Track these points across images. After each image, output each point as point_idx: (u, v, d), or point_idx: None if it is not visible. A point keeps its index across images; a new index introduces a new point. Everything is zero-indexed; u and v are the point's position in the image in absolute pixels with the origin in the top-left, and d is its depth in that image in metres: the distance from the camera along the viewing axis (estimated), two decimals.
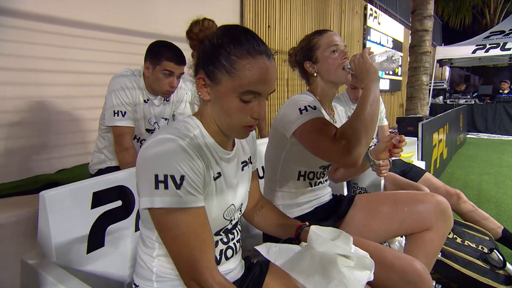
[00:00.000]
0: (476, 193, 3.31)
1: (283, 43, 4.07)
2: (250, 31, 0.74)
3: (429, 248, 1.18)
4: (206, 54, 0.73)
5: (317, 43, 1.21)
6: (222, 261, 0.83)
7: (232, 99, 0.70)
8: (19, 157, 1.89)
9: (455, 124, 5.36)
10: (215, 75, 0.71)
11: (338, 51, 1.19)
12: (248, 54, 0.69)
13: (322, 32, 1.23)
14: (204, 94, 0.74)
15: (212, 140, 0.77)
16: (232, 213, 0.83)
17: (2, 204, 1.57)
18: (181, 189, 0.65)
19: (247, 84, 0.69)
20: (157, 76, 1.50)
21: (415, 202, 1.21)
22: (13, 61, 1.81)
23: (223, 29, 0.74)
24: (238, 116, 0.72)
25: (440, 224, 1.17)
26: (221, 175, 0.78)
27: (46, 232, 0.83)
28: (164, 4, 2.61)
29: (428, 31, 4.37)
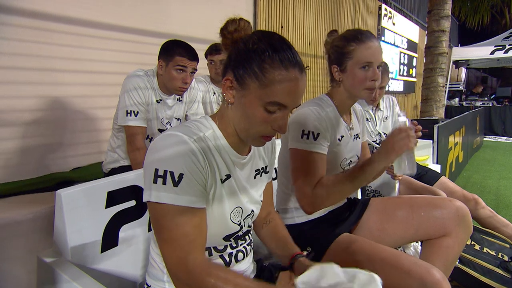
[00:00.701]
0: (494, 198, 3.22)
1: (296, 43, 4.04)
2: (287, 41, 0.72)
3: (447, 255, 1.14)
4: (238, 56, 0.71)
5: (352, 52, 1.11)
6: (232, 263, 0.82)
7: (257, 107, 0.69)
8: (35, 155, 1.93)
9: (472, 127, 5.22)
10: (244, 79, 0.69)
11: (371, 69, 1.11)
12: (282, 65, 0.68)
13: (362, 41, 1.10)
14: (229, 97, 0.73)
15: (226, 142, 0.76)
16: (240, 216, 0.81)
17: (19, 201, 1.60)
18: (178, 187, 0.65)
19: (275, 95, 0.68)
20: (170, 72, 1.51)
21: (432, 207, 1.17)
22: (31, 61, 1.84)
23: (260, 34, 0.72)
24: (259, 125, 0.71)
25: (459, 230, 1.13)
26: (230, 177, 0.77)
27: (62, 230, 0.84)
28: (178, 5, 2.63)
29: (445, 31, 4.27)
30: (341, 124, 1.20)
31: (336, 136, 1.17)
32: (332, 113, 1.16)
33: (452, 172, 3.70)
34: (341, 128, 1.20)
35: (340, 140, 1.19)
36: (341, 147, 1.20)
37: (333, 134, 1.16)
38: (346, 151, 1.23)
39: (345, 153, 1.22)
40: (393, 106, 2.21)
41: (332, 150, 1.16)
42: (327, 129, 1.10)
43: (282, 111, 0.71)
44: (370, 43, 1.11)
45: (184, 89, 1.55)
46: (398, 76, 7.23)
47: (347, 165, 1.26)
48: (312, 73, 4.45)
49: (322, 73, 4.66)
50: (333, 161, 1.19)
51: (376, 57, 1.11)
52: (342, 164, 1.23)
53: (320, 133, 1.07)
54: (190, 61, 1.50)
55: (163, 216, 0.65)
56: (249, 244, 0.88)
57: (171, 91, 1.60)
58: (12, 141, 1.83)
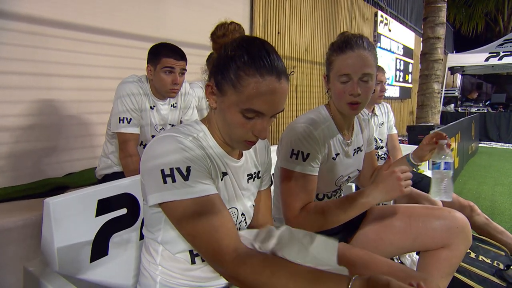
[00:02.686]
0: (489, 205, 3.22)
1: (292, 49, 4.06)
2: (269, 47, 0.71)
3: (444, 267, 1.11)
4: (219, 63, 0.71)
5: (333, 63, 1.07)
6: None
7: (235, 113, 0.69)
8: (29, 160, 1.91)
9: (467, 133, 5.25)
10: (222, 86, 0.70)
11: (349, 83, 1.03)
12: (257, 73, 0.67)
13: (341, 51, 1.04)
14: (211, 102, 0.74)
15: (217, 144, 0.76)
16: (235, 219, 0.80)
17: (10, 207, 1.57)
18: (189, 180, 0.65)
19: (250, 102, 0.67)
20: (159, 75, 1.50)
21: (431, 217, 1.14)
22: (26, 65, 1.83)
23: (240, 40, 0.71)
24: (239, 130, 0.71)
25: (457, 242, 1.10)
26: (227, 174, 0.76)
27: (50, 240, 0.82)
28: (176, 10, 2.63)
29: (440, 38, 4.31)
30: (336, 141, 1.14)
31: (331, 154, 1.13)
32: (328, 129, 1.11)
33: None
34: (337, 145, 1.15)
35: (334, 158, 1.14)
36: (336, 165, 1.15)
37: (327, 153, 1.11)
38: (342, 168, 1.18)
39: (341, 170, 1.18)
40: (387, 112, 2.22)
41: (326, 168, 1.13)
42: (318, 149, 1.06)
43: (260, 118, 0.70)
44: (349, 53, 1.02)
45: (176, 90, 1.54)
46: (394, 82, 7.28)
47: (344, 182, 1.23)
48: (308, 79, 4.47)
49: (318, 79, 4.68)
50: (327, 178, 1.16)
51: (354, 69, 1.01)
52: (338, 182, 1.20)
53: (310, 154, 1.03)
54: (177, 61, 1.49)
55: (182, 212, 0.65)
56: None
57: (163, 95, 1.59)
58: (5, 146, 1.81)
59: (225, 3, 3.10)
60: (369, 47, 1.05)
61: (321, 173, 1.11)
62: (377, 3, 6.55)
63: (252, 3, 3.41)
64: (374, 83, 1.07)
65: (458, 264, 1.14)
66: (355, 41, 1.04)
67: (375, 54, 1.08)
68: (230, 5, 3.18)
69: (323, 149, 1.08)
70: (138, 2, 2.36)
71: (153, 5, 2.47)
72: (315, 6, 4.44)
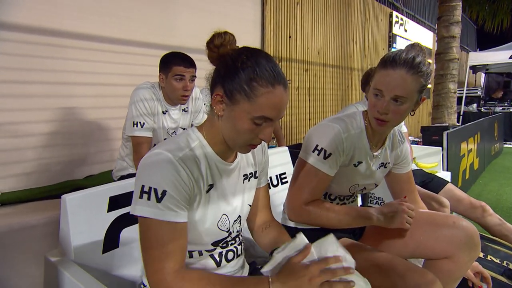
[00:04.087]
0: (510, 207, 3.12)
1: (304, 53, 4.10)
2: (272, 59, 0.77)
3: (446, 278, 1.06)
4: (227, 73, 0.75)
5: (374, 74, 1.06)
6: (223, 263, 0.86)
7: (246, 120, 0.74)
8: (52, 163, 2.05)
9: (489, 133, 5.08)
10: (234, 95, 0.74)
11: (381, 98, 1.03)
12: (269, 83, 0.72)
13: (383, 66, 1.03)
14: (219, 110, 0.77)
15: (212, 151, 0.81)
16: (227, 223, 0.85)
17: (34, 206, 1.71)
18: (161, 203, 0.70)
19: (262, 110, 0.73)
20: (171, 83, 1.58)
21: (434, 226, 1.11)
22: (48, 75, 1.98)
23: (248, 53, 0.76)
24: (247, 136, 0.76)
25: (462, 254, 1.05)
26: (213, 186, 0.81)
27: (66, 232, 0.91)
28: (186, 17, 2.74)
29: (455, 37, 4.22)
30: (363, 150, 1.13)
31: (353, 161, 1.12)
32: (357, 136, 1.10)
33: (466, 180, 3.62)
34: (362, 154, 1.13)
35: (356, 165, 1.13)
36: (356, 172, 1.15)
37: (350, 158, 1.11)
38: (360, 177, 1.17)
39: (359, 179, 1.18)
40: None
41: (344, 171, 1.13)
42: (342, 152, 1.07)
43: (267, 123, 0.76)
44: (390, 70, 0.99)
45: (186, 96, 1.62)
46: None
47: (358, 191, 1.22)
48: (321, 81, 4.49)
49: (331, 81, 4.69)
50: (343, 182, 1.16)
51: (389, 88, 0.99)
52: (352, 189, 1.20)
53: (332, 154, 1.05)
54: (187, 69, 1.57)
55: (146, 228, 0.71)
56: (240, 244, 0.92)
57: (175, 101, 1.68)
58: (31, 150, 1.96)
59: (235, 9, 3.19)
60: (417, 70, 0.99)
61: (339, 175, 1.12)
62: (392, 4, 6.48)
63: (263, 8, 3.48)
64: (410, 107, 1.03)
65: (464, 273, 1.11)
66: (403, 60, 0.99)
67: (420, 79, 1.01)
68: (240, 10, 3.26)
69: (347, 154, 1.09)
70: (150, 12, 2.48)
71: (164, 13, 2.59)
72: (327, 9, 4.47)
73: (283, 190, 1.65)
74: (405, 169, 1.28)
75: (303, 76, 4.12)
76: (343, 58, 4.92)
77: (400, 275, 0.95)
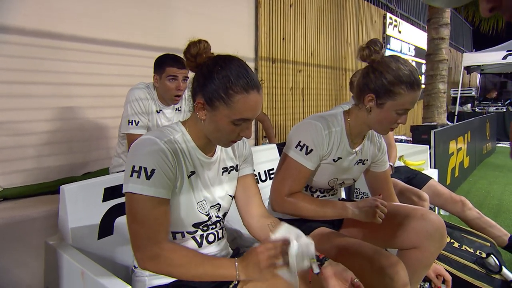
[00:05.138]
0: (496, 203, 3.22)
1: (297, 54, 4.19)
2: (244, 64, 0.86)
3: (416, 267, 1.16)
4: (206, 83, 0.84)
5: (398, 95, 1.09)
6: (204, 244, 0.95)
7: (226, 123, 0.84)
8: (52, 160, 2.13)
9: (480, 132, 5.18)
10: (214, 103, 0.84)
11: (404, 116, 1.14)
12: (244, 90, 0.82)
13: (412, 88, 1.09)
14: (201, 115, 0.87)
15: (194, 144, 0.91)
16: (206, 208, 0.94)
17: (35, 201, 1.79)
18: (150, 180, 0.79)
19: (240, 113, 0.83)
20: (164, 83, 1.68)
21: (404, 218, 1.19)
22: (49, 76, 2.07)
23: (221, 62, 0.85)
24: (229, 135, 0.87)
25: (428, 244, 1.14)
26: (194, 173, 0.91)
27: (65, 219, 1.00)
28: (182, 20, 2.82)
29: (444, 39, 4.33)
30: (343, 146, 1.22)
31: (333, 156, 1.21)
32: (337, 133, 1.19)
33: (456, 177, 3.71)
34: (342, 150, 1.22)
35: (335, 161, 1.22)
36: (335, 167, 1.24)
37: (330, 154, 1.20)
38: (339, 172, 1.26)
39: (338, 173, 1.26)
40: None
41: (324, 166, 1.23)
42: (323, 148, 1.16)
43: (246, 122, 0.87)
44: (417, 92, 1.10)
45: (179, 96, 1.72)
46: None
47: (336, 184, 1.31)
48: (315, 82, 4.58)
49: (325, 82, 4.78)
50: (323, 176, 1.26)
51: (412, 106, 1.12)
52: (331, 182, 1.28)
53: (313, 150, 1.14)
54: (180, 70, 1.67)
55: (137, 203, 0.80)
56: (221, 228, 1.01)
57: (169, 101, 1.77)
58: (32, 147, 2.05)
59: (230, 12, 3.28)
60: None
61: (319, 170, 1.23)
62: (386, 5, 6.58)
63: (257, 10, 3.57)
64: None
65: (432, 262, 1.20)
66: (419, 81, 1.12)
67: None
68: (235, 13, 3.35)
69: (327, 149, 1.19)
70: (146, 15, 2.57)
71: (160, 16, 2.68)
72: (321, 11, 4.56)
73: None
74: (382, 168, 1.38)
75: (297, 77, 4.21)
76: (337, 59, 5.01)
77: (367, 258, 1.03)
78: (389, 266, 1.01)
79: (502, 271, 1.48)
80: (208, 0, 3.03)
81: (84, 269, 0.84)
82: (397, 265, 1.01)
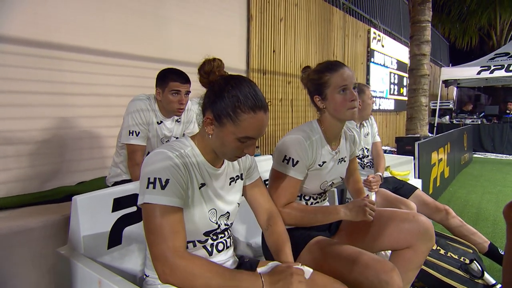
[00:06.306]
0: (475, 212, 3.38)
1: (287, 66, 4.31)
2: (254, 85, 0.92)
3: (409, 265, 1.27)
4: (216, 100, 0.90)
5: (328, 81, 1.25)
6: (214, 253, 1.00)
7: (232, 139, 0.89)
8: (46, 170, 2.12)
9: (458, 144, 5.44)
10: (221, 119, 0.89)
11: (348, 91, 1.24)
12: (251, 109, 0.87)
13: (333, 70, 1.25)
14: (209, 130, 0.93)
15: (203, 158, 0.96)
16: (216, 216, 0.99)
17: (31, 211, 1.77)
18: (165, 190, 0.84)
19: (246, 131, 0.88)
20: (167, 97, 1.72)
21: (398, 221, 1.30)
22: (45, 86, 2.07)
23: (232, 81, 0.90)
24: (234, 151, 0.92)
25: (420, 244, 1.25)
26: (205, 185, 0.96)
27: (76, 229, 1.02)
28: (178, 32, 2.88)
29: (425, 55, 4.57)
30: (325, 151, 1.32)
31: (317, 161, 1.30)
32: (318, 140, 1.30)
33: (437, 187, 3.88)
34: (325, 154, 1.32)
35: (321, 165, 1.31)
36: (322, 171, 1.33)
37: (315, 160, 1.29)
38: (327, 174, 1.35)
39: (327, 176, 1.35)
40: (371, 123, 2.43)
41: (313, 173, 1.31)
42: (307, 158, 1.25)
43: (251, 140, 0.92)
44: (341, 70, 1.24)
45: (182, 109, 1.76)
46: (388, 95, 7.52)
47: (328, 187, 1.40)
48: (303, 93, 4.70)
49: None
50: (314, 182, 1.34)
51: (349, 80, 1.24)
52: (323, 186, 1.37)
53: (299, 161, 1.22)
54: (183, 84, 1.72)
55: (153, 213, 0.84)
56: (229, 237, 1.06)
57: (171, 114, 1.81)
58: (26, 157, 2.03)
59: (223, 24, 3.36)
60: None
61: (309, 178, 1.32)
62: (370, 21, 6.87)
63: (249, 24, 3.67)
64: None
65: (420, 262, 1.30)
66: (339, 62, 1.29)
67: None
68: (228, 26, 3.44)
69: (311, 157, 1.27)
70: (143, 26, 2.61)
71: (157, 28, 2.72)
72: (309, 25, 4.72)
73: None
74: (352, 156, 1.54)
75: (286, 88, 4.32)
76: None
77: (364, 264, 1.11)
78: (385, 271, 1.09)
79: (484, 276, 1.59)
80: (202, 12, 3.10)
81: (102, 277, 0.86)
82: (393, 271, 1.09)
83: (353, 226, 1.39)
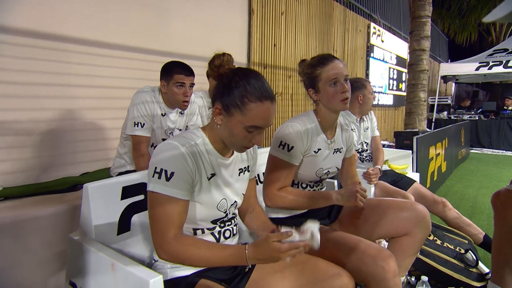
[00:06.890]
0: (471, 205, 3.45)
1: (288, 60, 4.33)
2: (261, 77, 0.95)
3: (407, 251, 1.35)
4: (224, 91, 0.94)
5: (320, 75, 1.30)
6: (222, 239, 1.05)
7: (240, 129, 0.93)
8: (52, 160, 2.15)
9: (456, 139, 5.49)
10: (230, 109, 0.93)
11: (338, 84, 1.29)
12: (258, 99, 0.91)
13: (325, 63, 1.30)
14: (218, 120, 0.96)
15: (213, 148, 1.00)
16: (225, 206, 1.03)
17: (37, 200, 1.81)
18: (169, 182, 0.88)
19: (253, 121, 0.92)
20: (172, 89, 1.75)
21: (396, 209, 1.37)
22: (53, 77, 2.08)
23: (240, 73, 0.94)
24: (242, 140, 0.95)
25: (417, 231, 1.33)
26: (215, 175, 1.00)
27: (88, 215, 1.06)
28: (180, 25, 2.89)
29: (425, 50, 4.60)
30: (320, 139, 1.37)
31: (313, 148, 1.35)
32: (313, 128, 1.34)
33: (434, 181, 3.94)
34: (320, 142, 1.37)
35: (316, 152, 1.36)
36: (317, 158, 1.38)
37: (310, 147, 1.34)
38: (323, 162, 1.40)
39: (321, 163, 1.40)
40: (371, 117, 2.47)
41: (308, 159, 1.36)
42: (302, 144, 1.30)
43: (258, 130, 0.95)
44: (331, 63, 1.29)
45: (187, 101, 1.79)
46: (387, 90, 7.55)
47: (324, 174, 1.44)
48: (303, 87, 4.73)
49: None
50: (310, 168, 1.38)
51: (340, 73, 1.29)
52: (318, 173, 1.41)
53: (294, 147, 1.27)
54: (187, 77, 1.75)
55: (155, 201, 0.89)
56: (235, 225, 1.11)
57: (176, 106, 1.83)
58: (32, 148, 2.06)
59: (224, 18, 3.37)
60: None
61: (305, 164, 1.36)
62: (370, 16, 6.87)
63: (250, 17, 3.68)
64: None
65: (417, 248, 1.37)
66: (330, 56, 1.34)
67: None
68: (229, 20, 3.45)
69: (306, 144, 1.33)
70: (146, 20, 2.62)
71: (160, 21, 2.73)
72: (310, 20, 4.73)
73: None
74: (349, 154, 1.56)
75: (287, 82, 4.34)
76: None
77: (362, 251, 1.17)
78: (382, 258, 1.14)
79: (478, 265, 1.64)
80: (204, 6, 3.11)
81: (115, 261, 0.90)
82: (389, 258, 1.14)
83: (353, 215, 1.44)
